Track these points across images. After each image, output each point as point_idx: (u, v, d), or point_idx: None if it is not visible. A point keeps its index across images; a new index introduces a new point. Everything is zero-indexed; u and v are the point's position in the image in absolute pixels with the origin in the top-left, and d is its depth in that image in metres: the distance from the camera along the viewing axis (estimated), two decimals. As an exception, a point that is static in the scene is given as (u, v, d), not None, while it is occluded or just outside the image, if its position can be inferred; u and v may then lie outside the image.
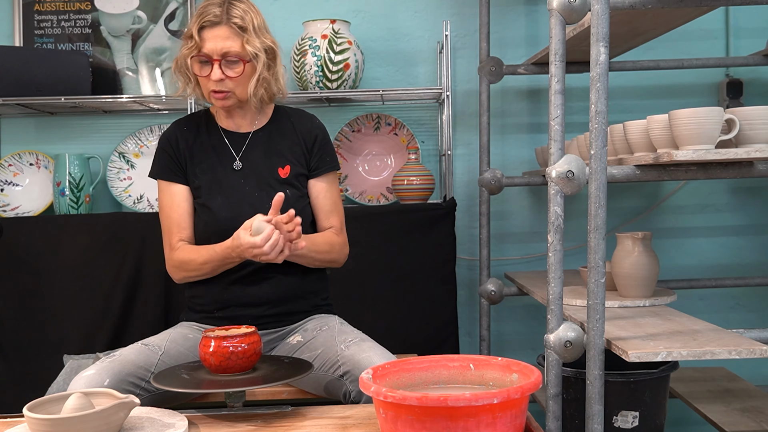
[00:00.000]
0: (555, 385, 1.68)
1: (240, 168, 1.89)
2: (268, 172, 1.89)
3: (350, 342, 1.71)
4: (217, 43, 1.78)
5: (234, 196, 1.86)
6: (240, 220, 1.73)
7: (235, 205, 1.84)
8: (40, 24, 2.73)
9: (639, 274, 1.94)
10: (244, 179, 1.88)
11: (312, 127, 1.95)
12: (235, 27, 1.78)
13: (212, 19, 1.77)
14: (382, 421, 1.19)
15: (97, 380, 1.56)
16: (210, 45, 1.78)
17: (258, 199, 1.85)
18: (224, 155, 1.90)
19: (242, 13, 1.79)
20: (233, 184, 1.87)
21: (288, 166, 1.90)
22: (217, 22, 1.77)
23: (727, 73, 2.73)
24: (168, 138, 1.92)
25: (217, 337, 1.49)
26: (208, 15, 1.78)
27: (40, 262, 2.45)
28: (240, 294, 1.84)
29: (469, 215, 2.76)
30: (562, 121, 1.62)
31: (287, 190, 1.83)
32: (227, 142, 1.92)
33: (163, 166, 1.90)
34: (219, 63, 1.78)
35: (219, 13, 1.77)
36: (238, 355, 1.49)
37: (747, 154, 1.54)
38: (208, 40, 1.78)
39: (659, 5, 1.66)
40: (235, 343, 1.49)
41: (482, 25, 2.55)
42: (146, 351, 1.70)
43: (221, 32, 1.78)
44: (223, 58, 1.78)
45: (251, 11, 1.82)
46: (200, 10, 1.80)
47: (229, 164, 1.90)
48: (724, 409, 2.14)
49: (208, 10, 1.78)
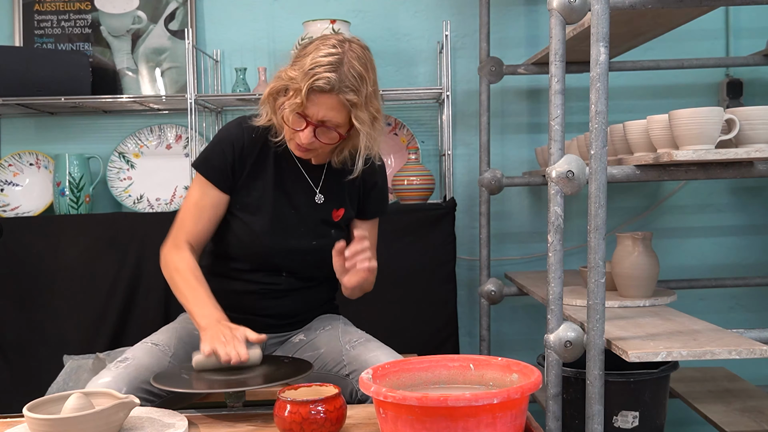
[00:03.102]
0: (555, 385, 1.68)
1: (321, 202, 1.79)
2: (324, 211, 1.80)
3: (356, 342, 1.70)
4: (320, 110, 1.61)
5: (282, 225, 1.77)
6: (282, 250, 1.73)
7: (280, 233, 1.77)
8: (40, 24, 2.73)
9: (639, 274, 1.94)
10: (294, 209, 1.78)
11: (376, 172, 1.83)
12: (345, 100, 1.60)
13: (323, 86, 1.57)
14: (382, 421, 1.19)
15: (114, 389, 1.52)
16: (313, 109, 1.61)
17: (303, 233, 1.78)
18: (295, 183, 1.79)
19: (357, 81, 1.60)
20: (286, 212, 1.78)
21: (342, 209, 1.81)
22: (328, 90, 1.58)
23: (727, 73, 2.73)
24: (233, 140, 1.76)
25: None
26: (321, 80, 1.57)
27: (40, 262, 2.45)
28: (256, 305, 1.80)
29: (469, 215, 2.76)
30: (562, 121, 1.62)
31: (332, 231, 1.80)
32: (304, 172, 1.79)
33: (215, 166, 1.75)
34: (315, 128, 1.63)
35: (333, 80, 1.57)
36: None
37: (747, 154, 1.54)
38: (313, 103, 1.60)
39: (659, 5, 1.66)
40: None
41: (482, 25, 2.55)
42: (158, 353, 1.67)
43: (329, 102, 1.60)
44: (320, 125, 1.63)
45: (367, 75, 1.63)
46: (313, 66, 1.58)
47: (298, 194, 1.79)
48: (724, 409, 2.14)
49: (320, 74, 1.57)
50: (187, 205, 1.77)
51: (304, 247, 1.77)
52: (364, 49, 1.66)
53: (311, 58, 1.60)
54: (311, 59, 1.59)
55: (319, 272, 1.82)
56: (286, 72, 1.65)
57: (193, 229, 1.75)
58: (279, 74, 1.68)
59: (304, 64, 1.60)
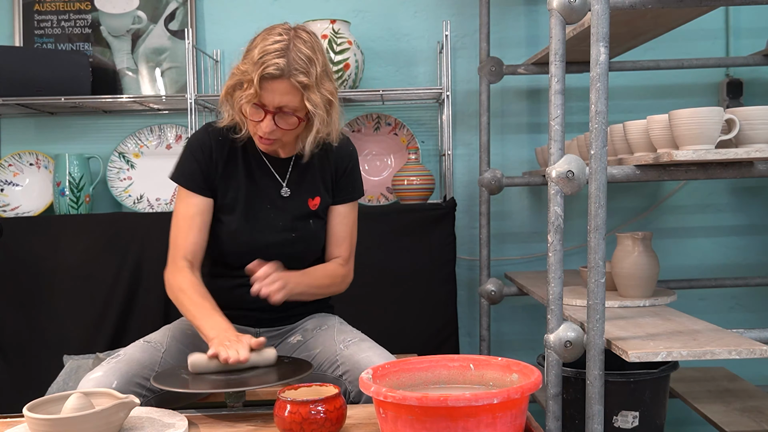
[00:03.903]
0: (555, 385, 1.68)
1: (288, 195, 1.82)
2: (299, 201, 1.83)
3: (349, 342, 1.71)
4: (275, 97, 1.64)
5: (260, 221, 1.80)
6: (262, 246, 1.76)
7: (260, 229, 1.80)
8: (40, 24, 2.73)
9: (639, 274, 1.94)
10: (270, 204, 1.81)
11: (346, 156, 1.86)
12: (296, 83, 1.63)
13: (273, 72, 1.61)
14: (382, 421, 1.19)
15: (105, 382, 1.55)
16: (268, 97, 1.64)
17: (283, 227, 1.80)
18: (266, 178, 1.82)
19: (306, 63, 1.63)
20: (262, 208, 1.81)
21: (318, 197, 1.84)
22: (279, 75, 1.62)
23: (727, 73, 2.73)
24: (201, 144, 1.80)
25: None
26: (270, 67, 1.61)
27: (40, 262, 2.45)
28: (245, 298, 1.83)
29: (469, 215, 2.76)
30: (562, 121, 1.62)
31: (311, 221, 1.82)
32: (270, 167, 1.82)
33: (190, 173, 1.78)
34: (273, 115, 1.67)
35: (282, 65, 1.61)
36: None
37: (747, 154, 1.54)
38: (267, 91, 1.64)
39: (659, 5, 1.66)
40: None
41: (482, 25, 2.55)
42: (150, 349, 1.69)
43: (281, 87, 1.63)
44: (278, 111, 1.67)
45: (315, 57, 1.66)
46: (261, 55, 1.63)
47: (270, 189, 1.82)
48: (724, 409, 2.14)
49: (269, 61, 1.61)
50: (176, 220, 1.80)
51: (282, 240, 1.79)
52: (310, 34, 1.70)
53: (259, 48, 1.64)
54: (259, 49, 1.64)
55: (303, 264, 1.83)
56: (238, 67, 1.70)
57: (186, 243, 1.77)
58: (233, 71, 1.71)
59: (253, 56, 1.64)
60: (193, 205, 1.78)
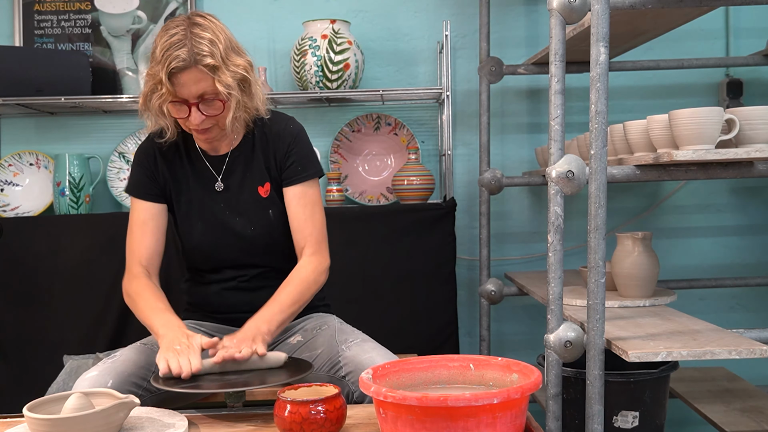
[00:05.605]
0: (555, 385, 1.68)
1: (221, 189, 1.81)
2: (248, 193, 1.81)
3: (351, 343, 1.70)
4: (190, 87, 1.63)
5: (214, 221, 1.80)
6: (221, 245, 1.77)
7: (216, 229, 1.80)
8: (40, 24, 2.73)
9: (639, 274, 1.94)
10: (224, 203, 1.81)
11: (284, 134, 1.81)
12: (203, 68, 1.62)
13: (179, 64, 1.60)
14: (382, 421, 1.19)
15: (101, 381, 1.55)
16: (183, 90, 1.64)
17: (239, 223, 1.80)
18: (205, 178, 1.82)
19: (209, 46, 1.62)
20: (213, 208, 1.81)
21: (267, 183, 1.81)
22: (185, 66, 1.61)
23: (727, 73, 2.73)
24: (145, 153, 1.82)
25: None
26: (174, 60, 1.60)
27: (40, 262, 2.45)
28: (240, 300, 1.83)
29: (469, 215, 2.76)
30: (562, 121, 1.62)
31: (270, 212, 1.81)
32: (207, 164, 1.83)
33: (137, 181, 1.81)
34: (196, 105, 1.66)
35: (185, 56, 1.60)
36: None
37: (747, 154, 1.54)
38: (180, 85, 1.63)
39: (659, 5, 1.66)
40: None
41: (482, 25, 2.55)
42: (146, 350, 1.70)
43: (192, 76, 1.62)
44: (200, 101, 1.66)
45: (216, 38, 1.64)
46: (163, 52, 1.62)
47: (210, 187, 1.82)
48: (724, 409, 2.14)
49: (172, 54, 1.60)
50: (129, 229, 1.82)
51: (244, 234, 1.79)
52: (205, 17, 1.68)
53: (160, 46, 1.63)
54: (161, 47, 1.63)
55: (274, 257, 1.83)
56: (147, 72, 1.69)
57: (140, 248, 1.79)
58: (144, 78, 1.71)
59: (156, 55, 1.64)
60: (144, 211, 1.81)
